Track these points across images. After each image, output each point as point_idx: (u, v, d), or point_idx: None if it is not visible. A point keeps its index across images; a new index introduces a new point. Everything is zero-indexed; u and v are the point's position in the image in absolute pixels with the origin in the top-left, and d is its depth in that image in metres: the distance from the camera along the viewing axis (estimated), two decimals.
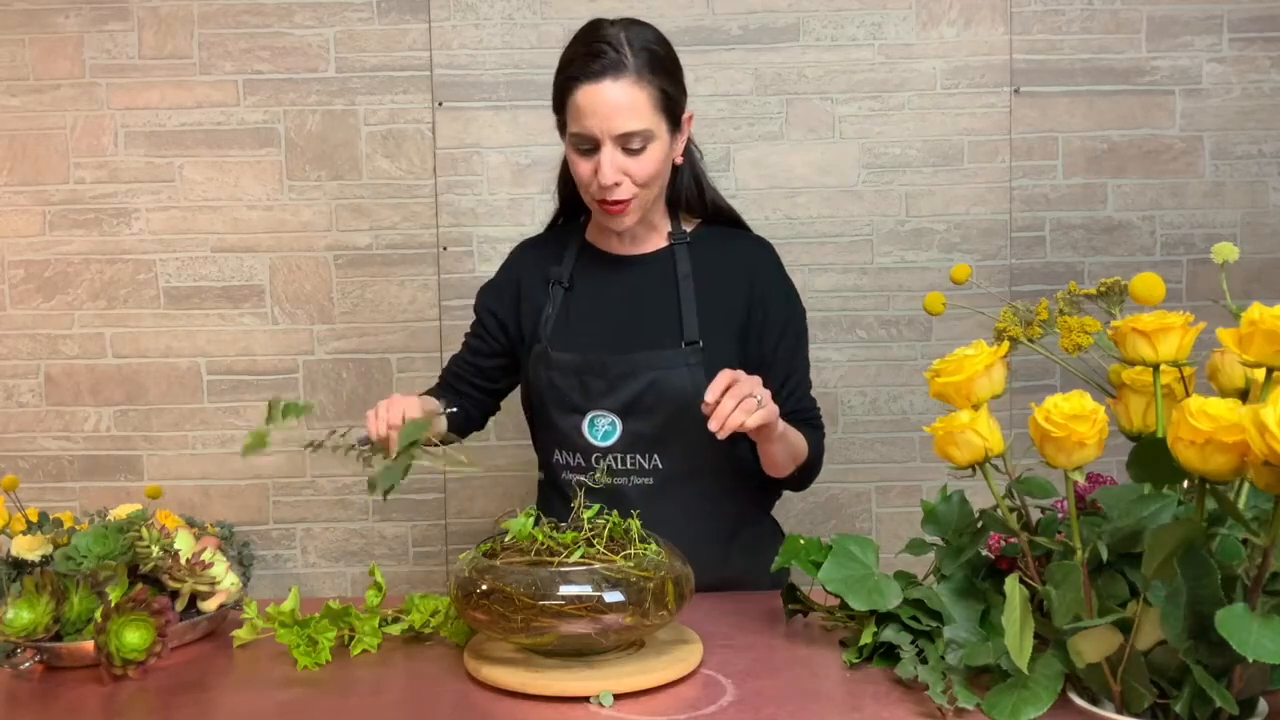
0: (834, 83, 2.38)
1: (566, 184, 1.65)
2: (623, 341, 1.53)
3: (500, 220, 2.38)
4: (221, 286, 2.41)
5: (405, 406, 1.37)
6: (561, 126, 1.53)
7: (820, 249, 2.40)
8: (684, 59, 2.44)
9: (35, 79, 2.37)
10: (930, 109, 2.38)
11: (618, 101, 1.42)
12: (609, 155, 1.44)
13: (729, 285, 1.57)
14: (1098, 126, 2.39)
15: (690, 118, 1.55)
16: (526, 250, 1.70)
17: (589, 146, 1.45)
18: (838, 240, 2.40)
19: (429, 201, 2.40)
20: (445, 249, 2.39)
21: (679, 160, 1.56)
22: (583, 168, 1.47)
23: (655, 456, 1.52)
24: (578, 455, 1.54)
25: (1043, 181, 2.40)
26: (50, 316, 2.41)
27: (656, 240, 1.60)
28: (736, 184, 2.38)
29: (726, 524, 1.60)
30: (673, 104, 1.49)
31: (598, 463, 1.51)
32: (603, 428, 1.52)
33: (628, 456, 1.52)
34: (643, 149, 1.45)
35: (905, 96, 2.38)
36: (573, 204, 1.65)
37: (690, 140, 1.60)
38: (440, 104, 2.37)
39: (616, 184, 1.45)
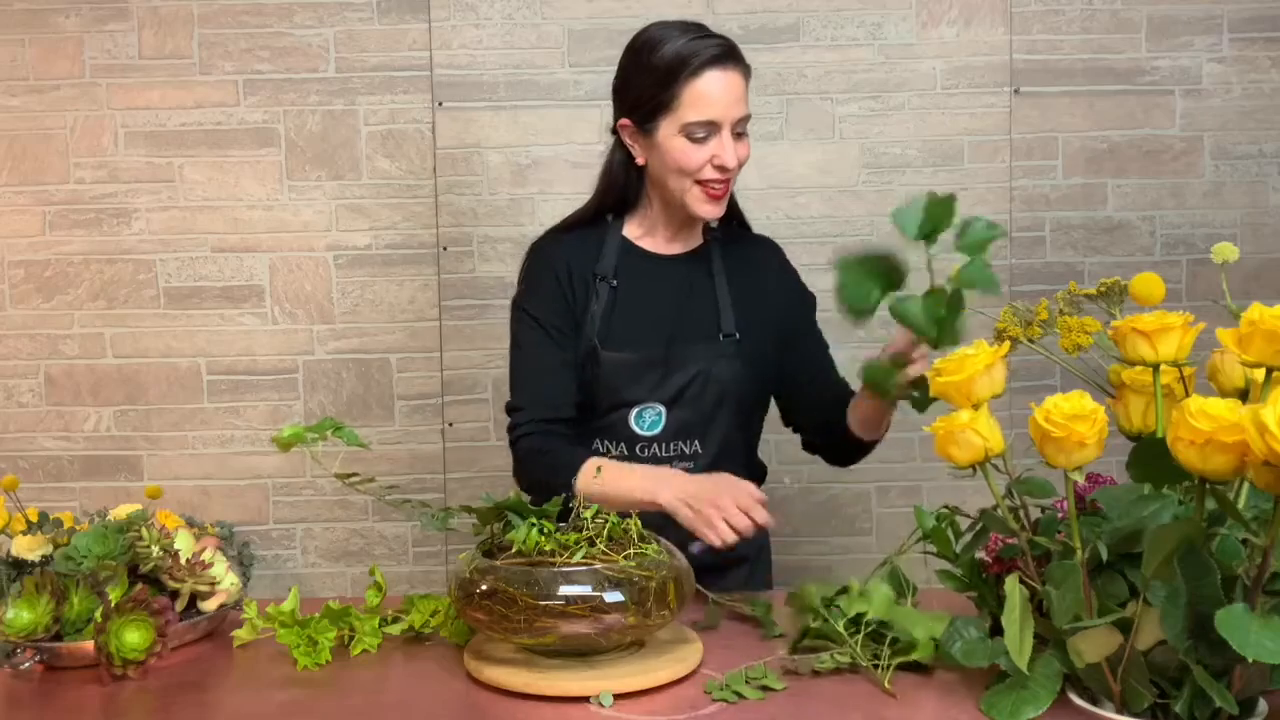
0: (834, 83, 2.38)
1: (614, 183, 1.63)
2: (668, 337, 1.59)
3: (500, 220, 2.38)
4: (221, 286, 2.41)
5: (742, 499, 1.40)
6: (643, 119, 1.53)
7: (820, 249, 2.40)
8: None
9: (35, 79, 2.37)
10: (930, 109, 2.38)
11: (740, 86, 1.52)
12: (729, 138, 1.50)
13: (757, 282, 1.66)
14: (1098, 126, 2.39)
15: None
16: (560, 245, 1.64)
17: (704, 134, 1.50)
18: (838, 240, 2.40)
19: (429, 201, 2.40)
20: (445, 249, 2.39)
21: None
22: (695, 155, 1.51)
23: (696, 442, 1.59)
24: (621, 444, 1.57)
25: (1043, 181, 2.40)
26: (50, 316, 2.41)
27: (695, 239, 1.66)
28: (737, 184, 2.38)
29: None
30: None
31: (642, 451, 1.57)
32: (649, 418, 1.58)
33: (672, 444, 1.59)
34: (745, 133, 1.54)
35: (905, 96, 2.38)
36: (616, 203, 1.64)
37: None
38: (440, 104, 2.38)
39: (736, 165, 1.52)
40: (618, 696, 1.14)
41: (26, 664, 1.24)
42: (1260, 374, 0.98)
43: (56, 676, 1.26)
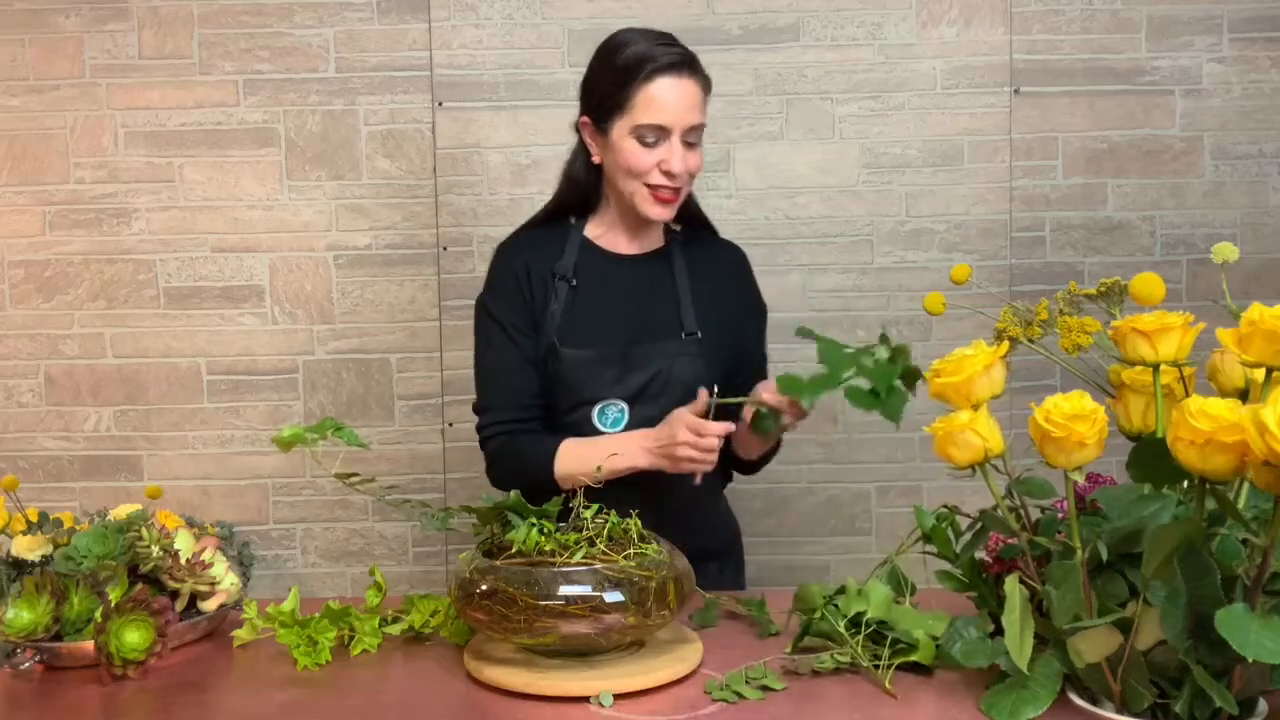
0: (834, 83, 2.38)
1: (574, 181, 1.66)
2: (628, 335, 1.62)
3: (500, 220, 2.38)
4: (221, 286, 2.41)
5: (690, 423, 1.45)
6: (602, 119, 1.57)
7: (820, 249, 2.40)
8: None
9: (35, 79, 2.37)
10: (930, 109, 2.38)
11: (694, 95, 1.55)
12: (676, 146, 1.54)
13: (719, 285, 1.69)
14: (1098, 126, 2.39)
15: None
16: (522, 244, 1.67)
17: (655, 138, 1.54)
18: (838, 240, 2.40)
19: (429, 201, 2.40)
20: (445, 249, 2.39)
21: None
22: (644, 158, 1.54)
23: None
24: None
25: (1043, 181, 2.40)
26: (50, 316, 2.41)
27: (656, 240, 1.69)
28: (736, 184, 2.39)
29: (704, 498, 1.67)
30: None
31: None
32: (612, 415, 1.59)
33: None
34: (697, 143, 1.57)
35: (905, 96, 2.38)
36: (578, 202, 1.67)
37: None
38: (440, 104, 2.38)
39: (683, 173, 1.54)
40: (618, 696, 1.14)
41: (26, 664, 1.24)
42: (1260, 374, 0.98)
43: (56, 676, 1.26)
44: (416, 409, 2.42)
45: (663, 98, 1.53)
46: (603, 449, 1.51)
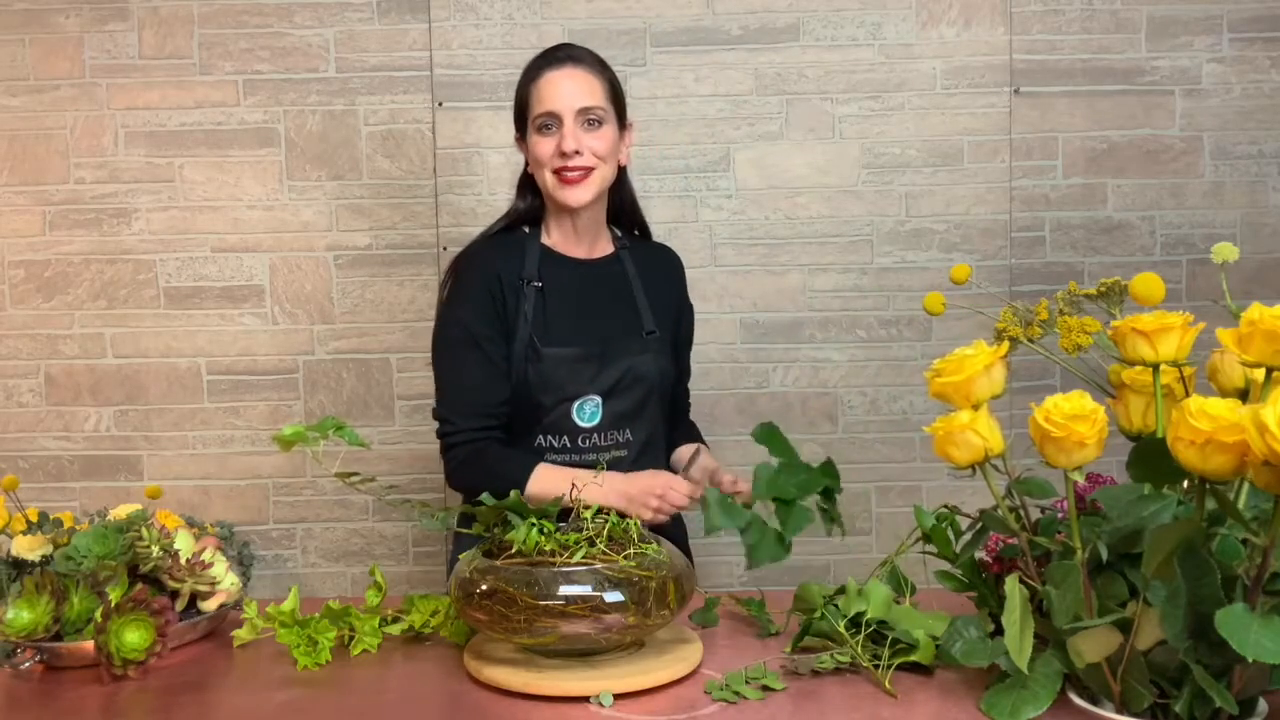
0: (834, 83, 2.38)
1: (521, 193, 1.76)
2: (600, 334, 1.69)
3: None
4: (221, 286, 2.41)
5: (672, 483, 1.56)
6: (522, 129, 1.69)
7: (820, 249, 2.40)
8: (684, 59, 2.45)
9: (35, 79, 2.37)
10: (930, 109, 2.38)
11: (581, 80, 1.65)
12: (570, 128, 1.62)
13: (664, 287, 1.81)
14: (1098, 126, 2.39)
15: (632, 126, 1.73)
16: (491, 255, 1.71)
17: (550, 125, 1.64)
18: (838, 240, 2.40)
19: (429, 201, 2.40)
20: (445, 249, 2.39)
21: (624, 161, 1.73)
22: (544, 145, 1.64)
23: (628, 430, 1.70)
24: (564, 437, 1.67)
25: (1043, 181, 2.40)
26: (50, 316, 2.41)
27: (606, 246, 1.77)
28: (736, 184, 2.39)
29: None
30: (620, 100, 1.69)
31: (584, 442, 1.66)
32: (589, 410, 1.67)
33: (608, 433, 1.69)
34: (599, 126, 1.65)
35: (905, 96, 2.38)
36: (527, 212, 1.75)
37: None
38: (440, 104, 2.38)
39: (577, 152, 1.62)
40: (618, 696, 1.14)
41: (26, 664, 1.24)
42: (1260, 374, 0.98)
43: (56, 676, 1.26)
44: (416, 409, 2.42)
45: (548, 88, 1.64)
46: (579, 479, 1.46)
